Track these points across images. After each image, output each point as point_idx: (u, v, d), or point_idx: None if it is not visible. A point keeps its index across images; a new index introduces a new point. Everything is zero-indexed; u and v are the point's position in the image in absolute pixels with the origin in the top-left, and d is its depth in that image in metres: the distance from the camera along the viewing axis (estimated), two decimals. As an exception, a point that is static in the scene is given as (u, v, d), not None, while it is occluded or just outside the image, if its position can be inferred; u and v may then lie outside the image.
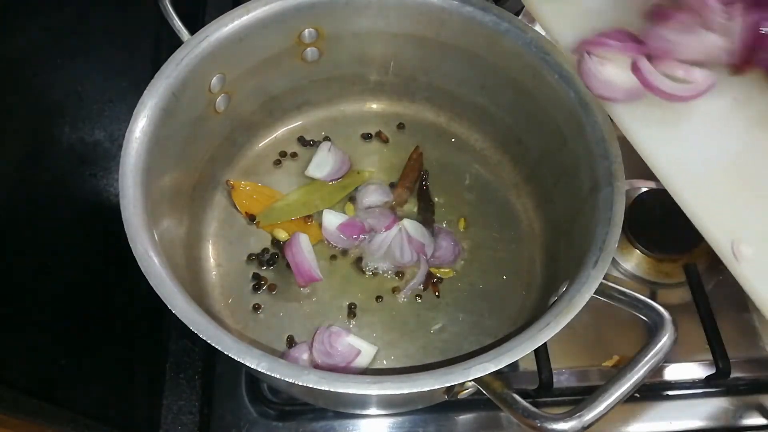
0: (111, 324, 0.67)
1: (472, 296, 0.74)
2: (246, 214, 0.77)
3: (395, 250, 0.74)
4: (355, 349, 0.68)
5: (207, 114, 0.70)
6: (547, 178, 0.74)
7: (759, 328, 0.78)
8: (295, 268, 0.72)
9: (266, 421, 0.71)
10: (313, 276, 0.72)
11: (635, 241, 0.80)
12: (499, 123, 0.79)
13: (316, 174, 0.80)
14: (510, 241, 0.77)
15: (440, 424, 0.71)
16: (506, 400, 0.49)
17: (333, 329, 0.69)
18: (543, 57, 0.66)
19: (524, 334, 0.51)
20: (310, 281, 0.72)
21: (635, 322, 0.75)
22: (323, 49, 0.75)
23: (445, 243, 0.75)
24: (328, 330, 0.69)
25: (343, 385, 0.48)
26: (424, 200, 0.79)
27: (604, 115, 0.62)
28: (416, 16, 0.71)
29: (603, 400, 0.47)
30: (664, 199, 0.80)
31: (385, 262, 0.74)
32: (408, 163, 0.81)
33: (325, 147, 0.81)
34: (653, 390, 0.73)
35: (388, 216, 0.76)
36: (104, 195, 0.67)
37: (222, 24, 0.66)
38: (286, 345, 0.70)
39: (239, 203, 0.77)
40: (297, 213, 0.77)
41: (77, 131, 0.63)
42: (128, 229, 0.54)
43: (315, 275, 0.72)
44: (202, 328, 0.50)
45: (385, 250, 0.74)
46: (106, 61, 0.70)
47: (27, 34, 0.56)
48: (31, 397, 0.49)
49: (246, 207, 0.77)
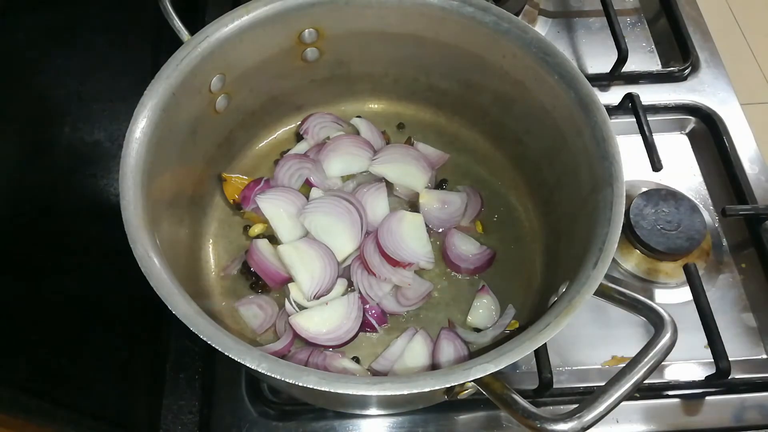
0: (111, 324, 0.67)
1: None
2: (233, 202, 0.77)
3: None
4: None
5: (207, 114, 0.70)
6: (547, 178, 0.74)
7: (759, 328, 0.78)
8: (262, 274, 0.72)
9: (266, 421, 0.71)
10: (282, 277, 0.72)
11: (635, 241, 0.80)
12: (498, 123, 0.79)
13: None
14: (510, 241, 0.77)
15: (440, 424, 0.71)
16: (506, 400, 0.49)
17: (327, 353, 0.69)
18: (543, 57, 0.66)
19: (524, 335, 0.51)
20: (282, 282, 0.72)
21: (635, 322, 0.76)
22: (323, 49, 0.75)
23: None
24: (323, 353, 0.69)
25: (343, 386, 0.47)
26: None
27: (604, 115, 0.62)
28: (416, 16, 0.71)
29: (603, 401, 0.47)
30: (664, 199, 0.81)
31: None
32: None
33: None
34: (653, 390, 0.73)
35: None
36: (104, 195, 0.67)
37: (222, 24, 0.66)
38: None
39: (229, 194, 0.78)
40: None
41: (77, 131, 0.63)
42: (128, 229, 0.54)
43: (284, 275, 0.72)
44: (202, 329, 0.50)
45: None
46: (106, 61, 0.70)
47: (27, 34, 0.56)
48: (31, 397, 0.49)
49: (234, 197, 0.78)
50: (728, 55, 1.01)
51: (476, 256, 0.75)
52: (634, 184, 0.85)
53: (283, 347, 0.68)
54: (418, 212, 0.76)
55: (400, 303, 0.72)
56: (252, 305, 0.72)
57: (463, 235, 0.76)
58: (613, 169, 0.59)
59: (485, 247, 0.76)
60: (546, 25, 1.04)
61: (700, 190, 0.88)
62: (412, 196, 0.79)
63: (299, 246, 0.72)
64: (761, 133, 0.93)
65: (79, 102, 0.64)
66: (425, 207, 0.77)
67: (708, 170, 0.90)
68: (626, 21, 1.04)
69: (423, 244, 0.74)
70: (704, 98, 0.94)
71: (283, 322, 0.70)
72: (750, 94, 1.56)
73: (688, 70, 0.97)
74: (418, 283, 0.73)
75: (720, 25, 1.08)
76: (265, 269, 0.72)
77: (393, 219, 0.74)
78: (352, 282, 0.72)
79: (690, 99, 0.94)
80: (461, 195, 0.78)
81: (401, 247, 0.72)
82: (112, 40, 0.72)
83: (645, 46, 1.02)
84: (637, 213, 0.80)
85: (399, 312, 0.72)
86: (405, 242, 0.73)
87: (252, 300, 0.72)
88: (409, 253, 0.73)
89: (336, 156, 0.79)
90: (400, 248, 0.72)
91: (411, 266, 0.72)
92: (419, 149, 0.81)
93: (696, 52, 0.98)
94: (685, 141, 0.93)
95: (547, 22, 1.04)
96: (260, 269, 0.72)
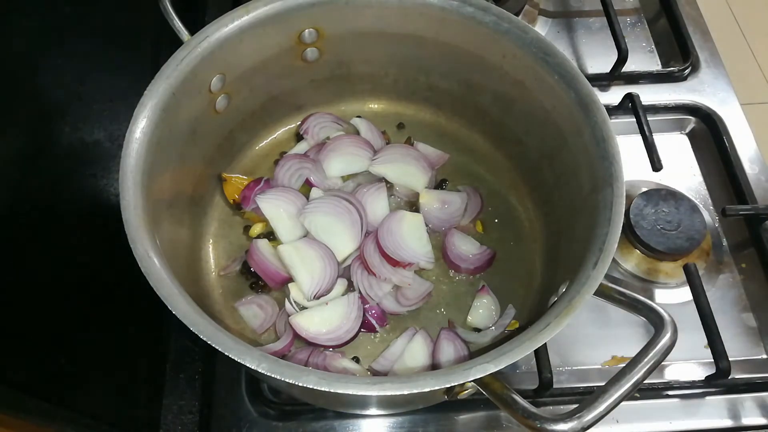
0: (111, 324, 0.67)
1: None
2: (233, 202, 0.77)
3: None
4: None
5: (207, 114, 0.70)
6: (547, 178, 0.74)
7: (759, 328, 0.78)
8: (262, 274, 0.72)
9: (266, 421, 0.71)
10: (283, 277, 0.72)
11: (635, 241, 0.80)
12: (498, 123, 0.79)
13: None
14: (510, 241, 0.77)
15: (440, 424, 0.71)
16: (506, 400, 0.48)
17: (327, 353, 0.69)
18: (543, 57, 0.66)
19: (524, 335, 0.51)
20: (282, 282, 0.72)
21: (635, 322, 0.76)
22: (323, 49, 0.75)
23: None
24: (323, 353, 0.69)
25: (343, 386, 0.47)
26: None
27: (604, 115, 0.62)
28: (416, 16, 0.71)
29: (603, 401, 0.47)
30: (664, 199, 0.81)
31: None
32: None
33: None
34: (653, 390, 0.73)
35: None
36: (104, 195, 0.67)
37: (222, 24, 0.66)
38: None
39: (229, 194, 0.78)
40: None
41: (77, 131, 0.63)
42: (128, 229, 0.54)
43: (284, 275, 0.72)
44: (203, 329, 0.50)
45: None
46: (106, 61, 0.70)
47: (27, 34, 0.56)
48: (31, 397, 0.49)
49: (234, 197, 0.78)
50: (728, 55, 1.01)
51: (476, 256, 0.75)
52: (634, 184, 0.85)
53: (283, 347, 0.68)
54: (418, 212, 0.76)
55: (400, 303, 0.72)
56: (252, 305, 0.72)
57: (463, 235, 0.76)
58: (613, 169, 0.59)
59: (485, 247, 0.76)
60: (546, 25, 1.04)
61: (700, 190, 0.88)
62: (412, 196, 0.79)
63: (299, 246, 0.72)
64: (761, 133, 0.93)
65: (79, 102, 0.64)
66: (425, 207, 0.77)
67: (708, 170, 0.90)
68: (626, 21, 1.04)
69: (423, 244, 0.74)
70: (704, 98, 0.94)
71: (283, 322, 0.70)
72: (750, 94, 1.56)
73: (688, 70, 0.97)
74: (418, 283, 0.73)
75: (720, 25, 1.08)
76: (266, 269, 0.72)
77: (393, 219, 0.74)
78: (352, 282, 0.72)
79: (690, 99, 0.94)
80: (461, 195, 0.78)
81: (401, 247, 0.72)
82: (112, 40, 0.72)
83: (645, 46, 1.02)
84: (637, 213, 0.80)
85: (399, 312, 0.72)
86: (405, 242, 0.73)
87: (252, 300, 0.72)
88: (409, 253, 0.73)
89: (336, 156, 0.79)
90: (400, 248, 0.72)
91: (411, 266, 0.72)
92: (419, 149, 0.81)
93: (696, 52, 0.98)
94: (685, 141, 0.93)
95: (547, 22, 1.04)
96: (261, 269, 0.72)
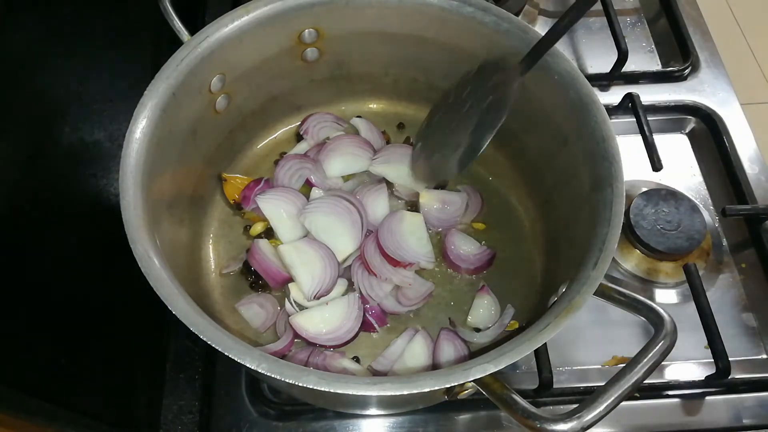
0: (111, 324, 0.67)
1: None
2: (234, 202, 0.77)
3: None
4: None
5: (207, 114, 0.70)
6: (547, 178, 0.74)
7: (759, 328, 0.78)
8: (264, 274, 0.72)
9: (266, 421, 0.71)
10: (284, 276, 0.72)
11: (635, 241, 0.80)
12: (499, 123, 0.79)
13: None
14: (510, 241, 0.77)
15: (440, 424, 0.71)
16: (506, 400, 0.48)
17: (327, 353, 0.69)
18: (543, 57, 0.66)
19: (524, 335, 0.51)
20: (283, 282, 0.72)
21: (635, 322, 0.76)
22: (323, 49, 0.75)
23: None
24: (323, 353, 0.69)
25: (343, 386, 0.48)
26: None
27: (603, 115, 0.62)
28: (416, 16, 0.71)
29: (603, 401, 0.47)
30: (664, 199, 0.81)
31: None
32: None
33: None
34: (653, 390, 0.73)
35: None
36: (104, 195, 0.67)
37: (222, 24, 0.66)
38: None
39: (229, 194, 0.78)
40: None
41: (77, 131, 0.63)
42: (128, 229, 0.54)
43: (285, 275, 0.72)
44: (203, 329, 0.50)
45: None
46: (106, 61, 0.70)
47: (27, 34, 0.56)
48: (31, 397, 0.49)
49: (234, 197, 0.78)
50: (728, 55, 1.01)
51: (476, 256, 0.75)
52: (634, 184, 0.85)
53: (283, 347, 0.68)
54: (418, 212, 0.76)
55: (401, 303, 0.72)
56: (252, 305, 0.72)
57: (463, 235, 0.76)
58: (613, 169, 0.59)
59: (485, 247, 0.76)
60: (546, 25, 1.04)
61: (700, 190, 0.88)
62: (412, 196, 0.79)
63: (299, 246, 0.72)
64: (761, 133, 0.93)
65: (79, 102, 0.64)
66: (425, 207, 0.77)
67: (708, 170, 0.90)
68: (626, 21, 1.04)
69: (423, 244, 0.74)
70: (704, 98, 0.94)
71: (283, 322, 0.70)
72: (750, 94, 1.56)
73: (688, 70, 0.97)
74: (419, 283, 0.73)
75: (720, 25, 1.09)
76: (267, 269, 0.72)
77: (393, 219, 0.74)
78: (353, 282, 0.72)
79: (690, 99, 0.94)
80: (461, 195, 0.78)
81: (402, 247, 0.72)
82: (112, 40, 0.72)
83: (645, 46, 1.02)
84: (637, 213, 0.80)
85: (399, 312, 0.72)
86: (405, 242, 0.73)
87: (252, 299, 0.72)
88: (410, 253, 0.73)
89: (336, 156, 0.79)
90: (400, 248, 0.72)
91: (411, 266, 0.72)
92: None
93: (696, 52, 0.98)
94: (685, 141, 0.93)
95: (547, 22, 1.04)
96: (262, 269, 0.72)
